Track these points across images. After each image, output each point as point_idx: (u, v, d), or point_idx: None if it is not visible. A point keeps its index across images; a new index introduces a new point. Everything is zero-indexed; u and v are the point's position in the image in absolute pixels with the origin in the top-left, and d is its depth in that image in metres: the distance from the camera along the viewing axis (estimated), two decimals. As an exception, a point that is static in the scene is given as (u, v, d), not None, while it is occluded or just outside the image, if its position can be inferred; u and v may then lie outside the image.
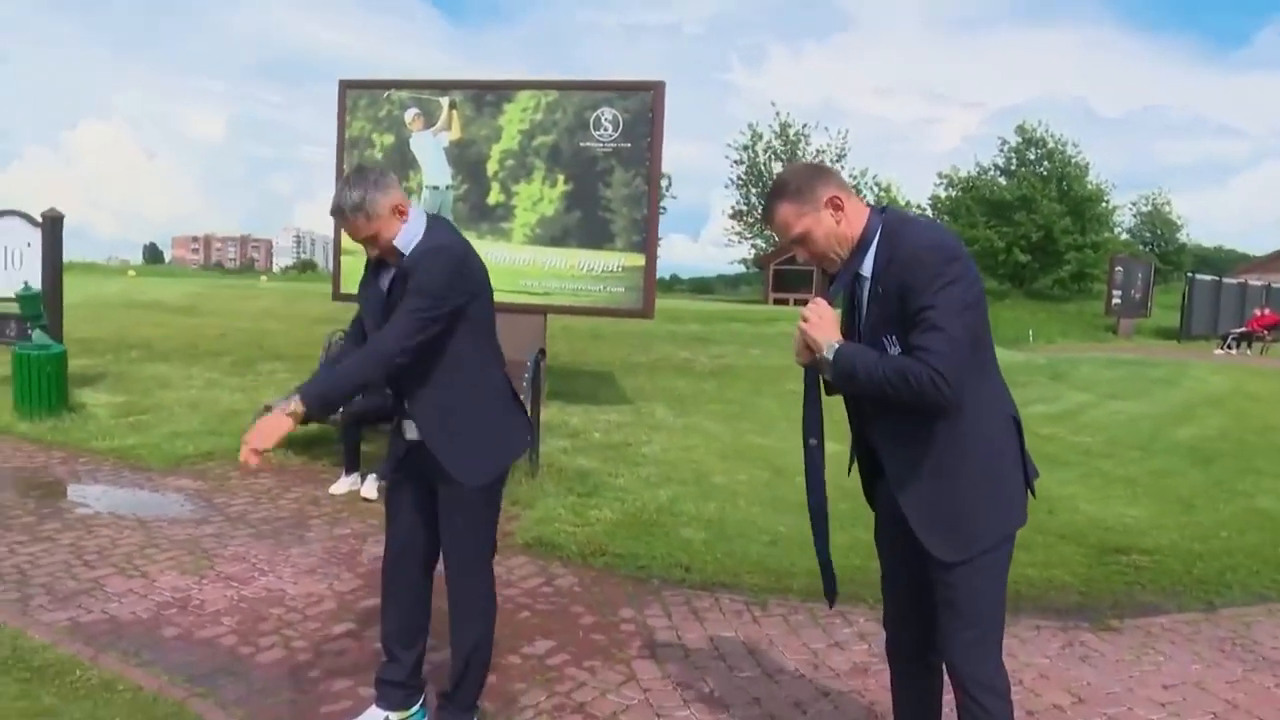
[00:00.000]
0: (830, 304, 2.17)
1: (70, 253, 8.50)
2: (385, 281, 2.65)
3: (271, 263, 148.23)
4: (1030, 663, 3.47)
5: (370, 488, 5.54)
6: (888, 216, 2.14)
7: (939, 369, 1.93)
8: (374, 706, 2.84)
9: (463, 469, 2.59)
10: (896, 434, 2.14)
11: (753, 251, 44.70)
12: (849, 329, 2.18)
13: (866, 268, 2.12)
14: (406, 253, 2.56)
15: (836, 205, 2.12)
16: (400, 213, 2.55)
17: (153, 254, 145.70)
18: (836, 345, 2.08)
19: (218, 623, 3.65)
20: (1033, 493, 2.21)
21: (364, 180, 2.53)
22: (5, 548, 4.42)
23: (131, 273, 30.99)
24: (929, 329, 1.96)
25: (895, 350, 2.04)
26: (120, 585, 4.01)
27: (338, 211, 2.54)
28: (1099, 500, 5.94)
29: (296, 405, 2.41)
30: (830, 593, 2.40)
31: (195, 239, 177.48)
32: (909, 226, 2.10)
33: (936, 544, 2.10)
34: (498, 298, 2.70)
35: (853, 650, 3.56)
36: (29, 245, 8.29)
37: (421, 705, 2.86)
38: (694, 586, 4.20)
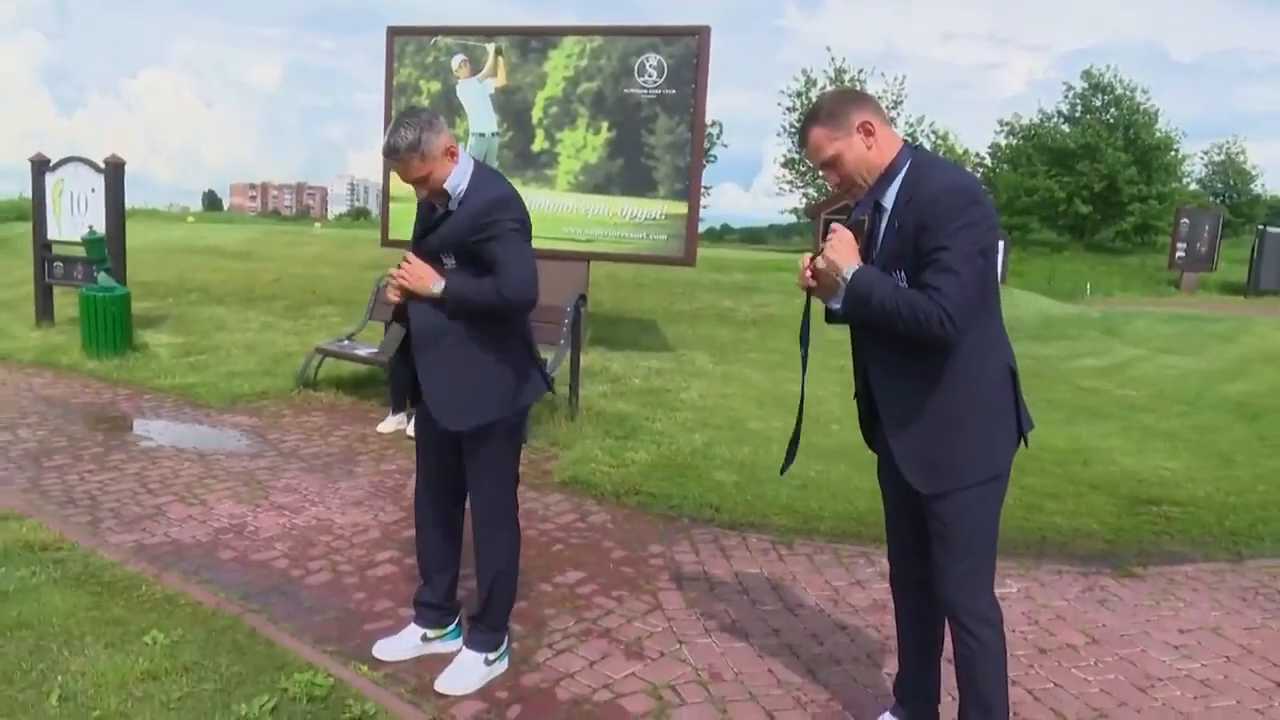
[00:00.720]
0: (851, 230, 2.22)
1: (132, 199, 8.82)
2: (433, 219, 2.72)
3: (326, 210, 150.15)
4: (1048, 605, 3.55)
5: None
6: (917, 154, 2.19)
7: (947, 309, 1.99)
8: (412, 624, 3.03)
9: (442, 411, 2.68)
10: (893, 370, 2.22)
11: (804, 201, 44.01)
12: (864, 259, 2.23)
13: (889, 199, 2.18)
14: (454, 194, 2.65)
15: (868, 130, 2.16)
16: (452, 154, 2.63)
17: (211, 201, 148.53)
18: (855, 268, 2.14)
19: (270, 548, 3.89)
20: (1025, 443, 2.26)
21: (418, 121, 2.58)
22: (76, 476, 4.72)
23: (190, 219, 31.77)
24: (942, 270, 2.01)
25: (903, 285, 2.10)
26: (181, 512, 4.27)
27: (392, 152, 2.58)
28: (1136, 453, 5.91)
29: (441, 287, 2.59)
30: (788, 461, 2.60)
31: (252, 186, 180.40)
32: (933, 167, 2.15)
33: (914, 475, 2.19)
34: (541, 244, 2.77)
35: (873, 588, 3.66)
36: (93, 191, 8.61)
37: (456, 625, 3.05)
38: (723, 526, 4.34)
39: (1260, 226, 30.77)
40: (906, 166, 2.16)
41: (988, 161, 44.37)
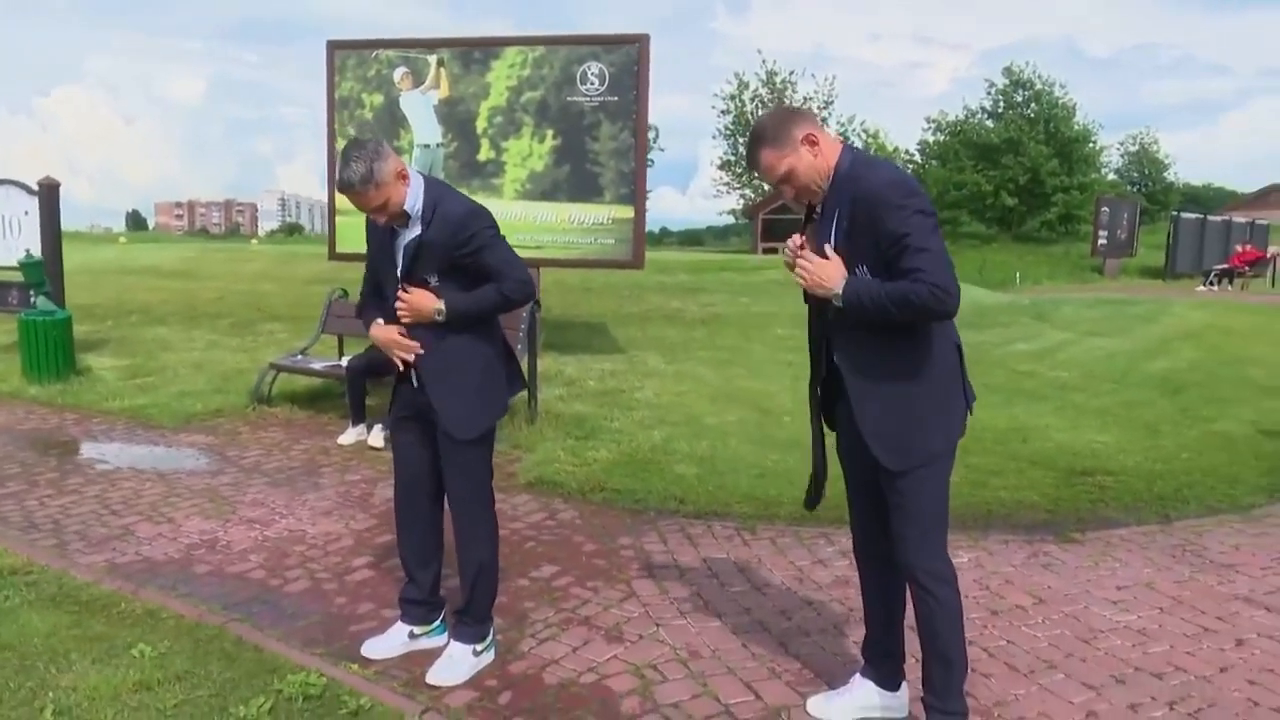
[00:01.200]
0: (811, 244, 2.40)
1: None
2: (402, 243, 2.80)
3: (257, 227, 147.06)
4: (997, 571, 3.78)
5: (377, 437, 5.79)
6: (855, 154, 2.38)
7: (935, 282, 2.17)
8: (398, 623, 3.12)
9: (456, 424, 2.83)
10: (858, 358, 2.41)
11: (741, 202, 44.60)
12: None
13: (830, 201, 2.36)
14: (413, 214, 2.76)
15: (812, 142, 2.34)
16: (403, 177, 2.73)
17: (136, 221, 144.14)
18: (841, 287, 2.30)
19: (245, 560, 3.93)
20: (971, 412, 2.47)
21: (365, 152, 2.65)
22: (35, 501, 4.68)
23: (123, 239, 30.95)
24: (915, 252, 2.19)
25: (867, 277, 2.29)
26: (149, 530, 4.27)
27: (348, 187, 2.66)
28: (1070, 429, 6.25)
29: (443, 306, 2.75)
30: (815, 500, 2.69)
31: (179, 204, 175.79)
32: (871, 166, 2.34)
33: (884, 454, 2.37)
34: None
35: (835, 566, 3.86)
36: (26, 213, 8.43)
37: (441, 621, 3.15)
38: (688, 516, 4.50)
39: (1175, 213, 32.22)
40: (847, 167, 2.34)
41: (917, 158, 45.51)
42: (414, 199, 2.75)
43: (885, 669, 2.71)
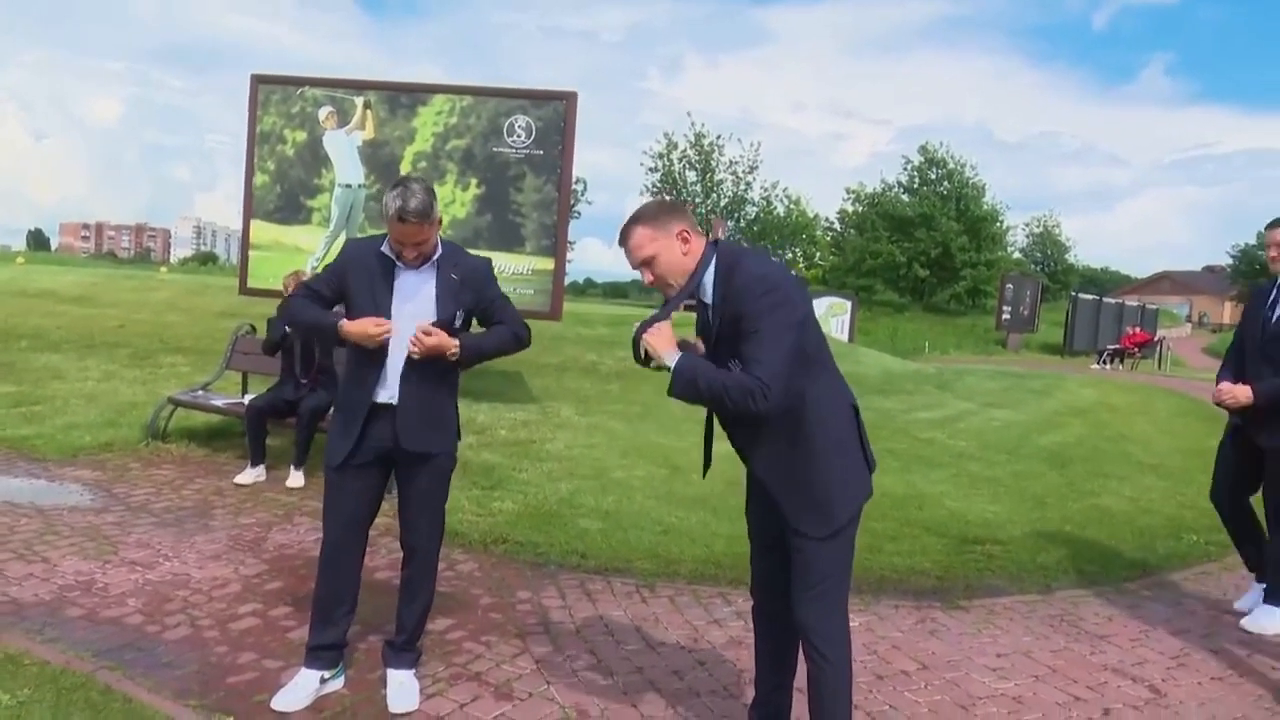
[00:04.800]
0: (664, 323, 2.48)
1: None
2: (411, 283, 2.96)
3: (169, 253, 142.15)
4: (885, 636, 3.88)
5: (297, 478, 5.73)
6: (721, 249, 2.47)
7: (764, 380, 2.26)
8: (305, 670, 3.04)
9: (446, 444, 3.10)
10: (756, 438, 2.47)
11: (665, 258, 45.20)
12: (707, 349, 2.49)
13: (708, 295, 2.45)
14: (435, 258, 2.97)
15: (684, 238, 2.44)
16: (438, 223, 2.97)
17: (37, 240, 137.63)
18: (677, 357, 2.38)
19: (123, 604, 3.75)
20: (872, 469, 2.56)
21: (426, 188, 2.86)
22: (-105, 533, 4.39)
23: (21, 259, 29.53)
24: (756, 346, 2.29)
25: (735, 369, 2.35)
26: (20, 570, 4.05)
27: (408, 214, 2.78)
28: (964, 498, 6.47)
29: (458, 346, 2.94)
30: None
31: (86, 226, 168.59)
32: (740, 260, 2.43)
33: (809, 523, 2.43)
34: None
35: (730, 627, 3.90)
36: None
37: (342, 663, 3.15)
38: (589, 571, 4.49)
39: (1073, 293, 34.08)
40: (714, 262, 2.43)
41: (836, 226, 47.11)
42: (437, 245, 2.99)
43: (769, 731, 2.75)
